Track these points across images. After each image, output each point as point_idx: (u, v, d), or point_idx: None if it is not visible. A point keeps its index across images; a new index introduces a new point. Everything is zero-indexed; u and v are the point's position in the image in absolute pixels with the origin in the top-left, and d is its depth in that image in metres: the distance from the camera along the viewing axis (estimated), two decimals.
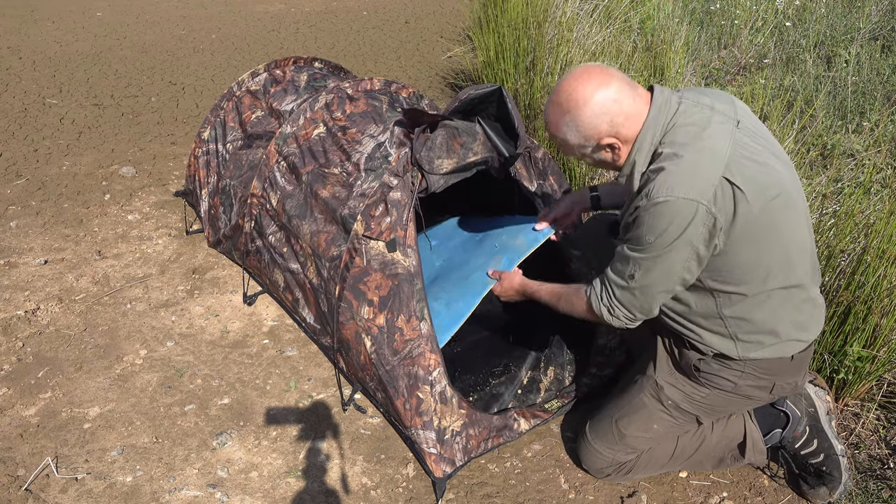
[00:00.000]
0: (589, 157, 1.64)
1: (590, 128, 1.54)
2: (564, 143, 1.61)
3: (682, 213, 1.45)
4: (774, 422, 1.89)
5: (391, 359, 1.96)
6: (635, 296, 1.61)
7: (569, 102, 1.54)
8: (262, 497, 1.91)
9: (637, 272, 1.57)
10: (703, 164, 1.46)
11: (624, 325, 1.69)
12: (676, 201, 1.44)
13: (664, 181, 1.47)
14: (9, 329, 2.54)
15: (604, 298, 1.68)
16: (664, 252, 1.50)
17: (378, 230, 2.01)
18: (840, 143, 3.49)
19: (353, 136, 2.37)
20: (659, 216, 1.47)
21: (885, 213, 2.09)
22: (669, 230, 1.47)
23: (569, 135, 1.58)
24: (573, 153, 1.64)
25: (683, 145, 1.49)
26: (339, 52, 5.78)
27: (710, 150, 1.47)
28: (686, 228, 1.46)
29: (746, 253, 1.51)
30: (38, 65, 5.33)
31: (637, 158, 1.56)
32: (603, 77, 1.52)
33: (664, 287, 1.58)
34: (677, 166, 1.47)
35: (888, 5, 5.34)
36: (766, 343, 1.63)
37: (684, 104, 1.54)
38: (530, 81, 3.69)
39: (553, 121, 1.59)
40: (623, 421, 1.83)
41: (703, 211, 1.44)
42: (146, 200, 3.46)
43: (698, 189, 1.44)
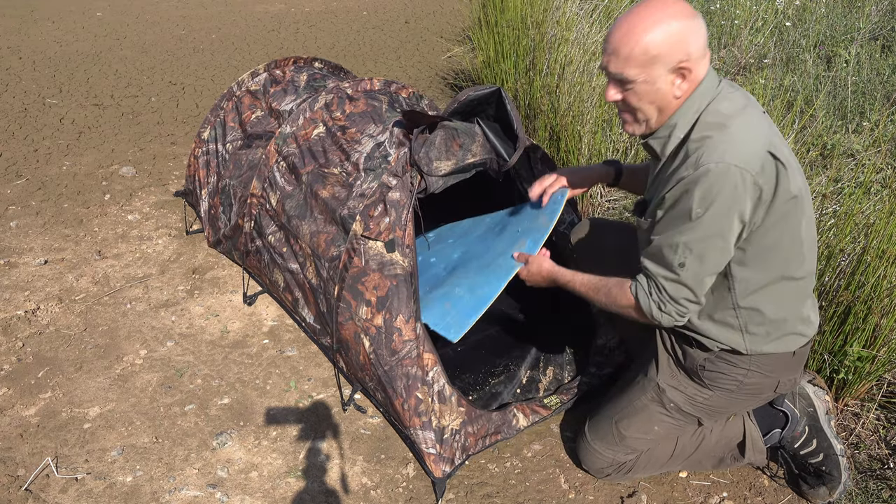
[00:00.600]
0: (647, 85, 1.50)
1: (681, 42, 1.45)
2: (645, 52, 1.45)
3: (732, 180, 1.41)
4: (773, 421, 1.89)
5: (389, 359, 1.96)
6: (686, 286, 1.53)
7: (671, 9, 1.45)
8: (262, 497, 1.91)
9: (688, 258, 1.49)
10: (750, 136, 1.45)
11: (672, 322, 1.61)
12: (729, 169, 1.40)
13: (714, 149, 1.43)
14: (9, 329, 2.54)
15: (653, 295, 1.59)
16: (716, 225, 1.45)
17: (377, 230, 2.01)
18: (840, 143, 3.49)
19: (353, 136, 2.37)
20: (709, 185, 1.41)
21: (885, 213, 2.09)
22: (721, 200, 1.42)
23: (658, 39, 1.44)
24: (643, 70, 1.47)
25: (728, 116, 1.47)
26: (339, 52, 5.79)
27: (755, 125, 1.47)
28: (736, 197, 1.42)
29: (773, 235, 1.50)
30: (38, 65, 5.33)
31: (679, 122, 1.52)
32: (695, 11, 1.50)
33: (714, 268, 1.51)
34: (725, 135, 1.44)
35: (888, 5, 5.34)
36: (773, 335, 1.63)
37: (724, 83, 1.55)
38: (530, 81, 3.69)
39: (644, 23, 1.45)
40: (623, 423, 1.83)
41: (750, 181, 1.42)
42: (146, 200, 3.46)
43: (746, 158, 1.42)
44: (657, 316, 1.60)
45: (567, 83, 3.47)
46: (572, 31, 3.89)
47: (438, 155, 2.02)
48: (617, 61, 1.50)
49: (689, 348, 1.72)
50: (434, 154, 2.02)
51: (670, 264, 1.53)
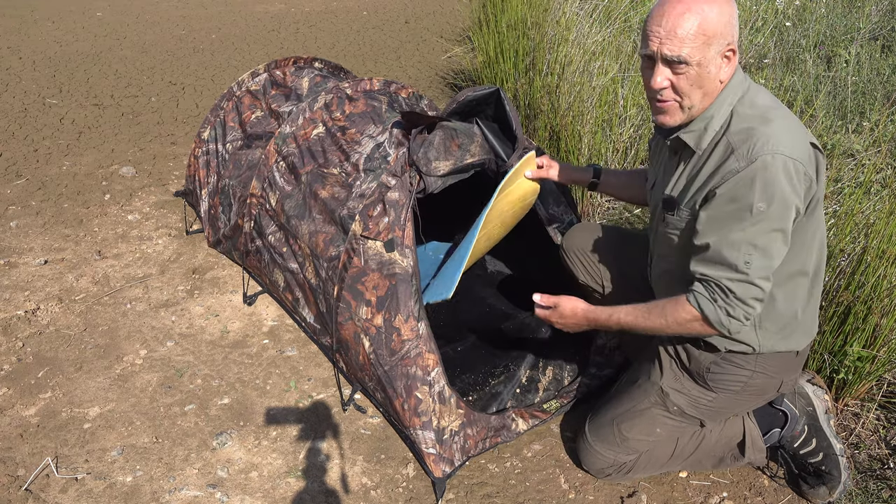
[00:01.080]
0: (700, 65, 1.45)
1: (731, 24, 1.44)
2: (703, 30, 1.42)
3: (789, 171, 1.39)
4: (773, 421, 1.89)
5: (389, 359, 1.96)
6: (755, 284, 1.46)
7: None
8: (262, 497, 1.91)
9: (753, 254, 1.43)
10: (794, 127, 1.45)
11: (741, 327, 1.53)
12: (784, 159, 1.39)
13: (766, 140, 1.40)
14: (9, 329, 2.54)
15: (718, 301, 1.50)
16: (778, 219, 1.41)
17: (376, 230, 2.01)
18: (840, 143, 3.49)
19: (353, 137, 2.37)
20: (770, 178, 1.38)
21: (885, 213, 2.09)
22: (781, 192, 1.39)
23: (718, 19, 1.42)
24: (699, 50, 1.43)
25: (768, 108, 1.47)
26: (339, 52, 5.78)
27: (793, 117, 1.48)
28: (794, 188, 1.40)
29: (808, 227, 1.51)
30: (38, 65, 5.33)
31: (715, 114, 1.50)
32: None
33: (776, 261, 1.46)
34: (773, 127, 1.42)
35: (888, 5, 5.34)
36: (784, 332, 1.63)
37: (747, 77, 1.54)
38: (530, 81, 3.69)
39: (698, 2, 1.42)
40: (625, 425, 1.83)
41: (802, 171, 1.41)
42: (146, 200, 3.46)
43: (797, 149, 1.41)
44: (726, 322, 1.52)
45: (567, 83, 3.47)
46: (572, 31, 3.89)
47: (437, 155, 2.02)
48: (673, 42, 1.44)
49: (696, 350, 1.71)
50: (433, 154, 2.02)
51: (734, 264, 1.46)
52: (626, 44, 4.19)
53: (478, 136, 2.10)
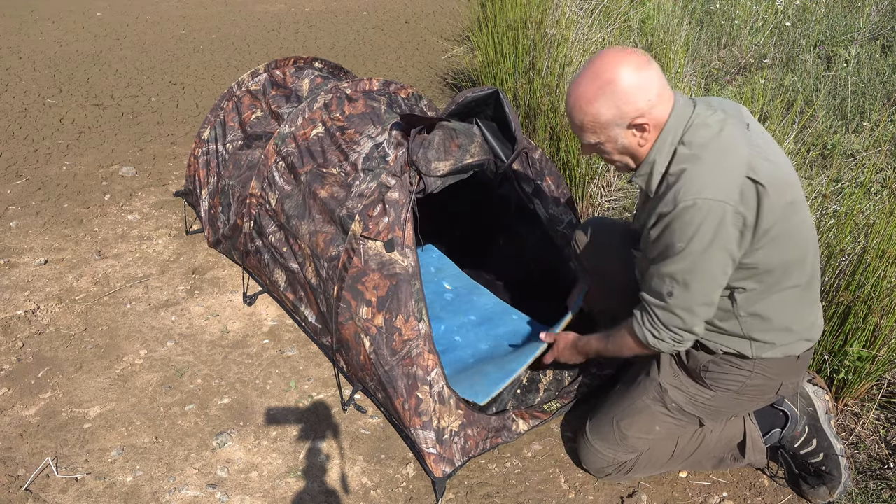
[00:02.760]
0: (612, 143, 1.57)
1: (628, 102, 1.49)
2: (595, 121, 1.53)
3: (712, 215, 1.43)
4: (774, 421, 1.89)
5: (390, 359, 1.96)
6: (677, 314, 1.57)
7: (610, 74, 1.49)
8: (262, 497, 1.91)
9: (675, 288, 1.53)
10: (726, 164, 1.46)
11: (673, 349, 1.64)
12: (705, 203, 1.43)
13: (690, 184, 1.46)
14: (9, 329, 2.54)
15: (646, 323, 1.63)
16: (699, 260, 1.47)
17: (376, 230, 2.01)
18: (840, 143, 3.49)
19: (352, 137, 2.37)
20: (689, 221, 1.45)
21: (885, 213, 2.09)
22: (701, 235, 1.45)
23: (603, 109, 1.51)
24: (599, 135, 1.56)
25: (703, 146, 1.49)
26: (339, 52, 5.79)
27: (731, 149, 1.48)
28: (718, 231, 1.44)
29: (768, 251, 1.51)
30: (38, 65, 5.33)
31: (657, 157, 1.55)
32: (644, 57, 1.51)
33: (704, 299, 1.54)
34: (701, 167, 1.46)
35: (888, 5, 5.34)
36: (780, 342, 1.63)
37: (700, 107, 1.55)
38: (529, 81, 3.69)
39: (587, 95, 1.52)
40: (625, 422, 1.83)
41: (731, 211, 1.44)
42: (146, 200, 3.46)
43: (724, 189, 1.43)
44: (654, 343, 1.64)
45: (567, 83, 3.47)
46: (572, 31, 3.89)
47: (437, 155, 2.02)
48: (575, 130, 1.60)
49: (693, 350, 1.72)
50: (432, 154, 2.02)
51: (660, 293, 1.57)
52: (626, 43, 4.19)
53: (477, 136, 2.10)
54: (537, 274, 2.55)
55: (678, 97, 1.55)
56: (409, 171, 2.02)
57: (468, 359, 2.31)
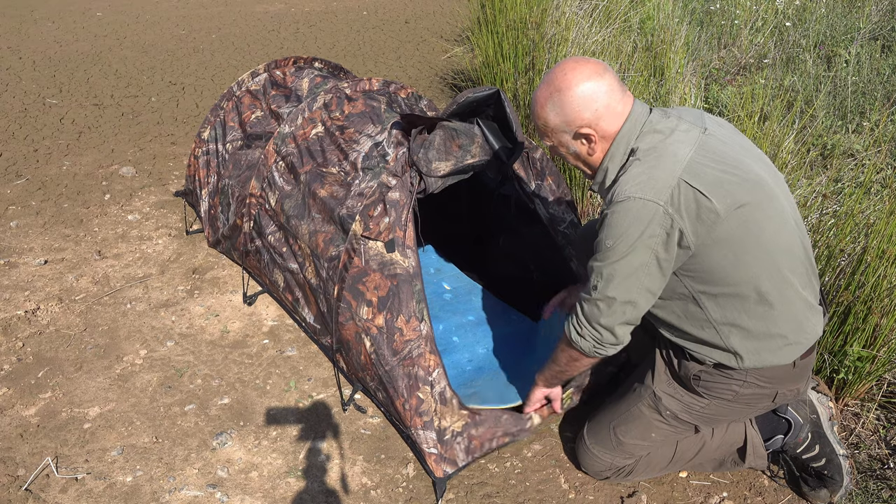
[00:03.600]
0: (564, 147, 1.65)
1: (573, 112, 1.56)
2: (545, 125, 1.62)
3: (640, 213, 1.46)
4: (776, 428, 1.87)
5: (391, 359, 1.96)
6: (599, 309, 1.58)
7: (560, 82, 1.56)
8: (262, 497, 1.91)
9: (599, 282, 1.55)
10: (660, 167, 1.49)
11: (594, 349, 1.64)
12: (634, 201, 1.47)
13: (625, 183, 1.51)
14: (9, 329, 2.54)
15: (572, 319, 1.65)
16: (623, 257, 1.50)
17: (377, 230, 2.00)
18: (840, 143, 3.49)
19: (351, 136, 2.38)
20: (618, 218, 1.49)
21: (885, 213, 2.09)
22: (628, 232, 1.48)
23: (551, 115, 1.59)
24: (551, 139, 1.64)
25: (646, 151, 1.53)
26: (339, 52, 5.79)
27: (671, 154, 1.50)
28: (644, 230, 1.47)
29: (722, 256, 1.51)
30: (38, 65, 5.33)
31: (609, 165, 1.59)
32: (598, 69, 1.56)
33: (626, 296, 1.55)
34: (637, 169, 1.51)
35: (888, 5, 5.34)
36: (764, 349, 1.60)
37: (654, 115, 1.59)
38: (529, 81, 3.69)
39: (540, 99, 1.60)
40: (621, 428, 1.83)
41: (660, 212, 1.45)
42: (146, 200, 3.46)
43: (655, 190, 1.46)
44: (577, 340, 1.66)
45: None
46: (571, 30, 3.89)
47: (437, 156, 2.02)
48: (536, 131, 1.68)
49: (685, 360, 1.71)
50: (433, 155, 2.02)
51: (588, 286, 1.61)
52: (626, 44, 4.19)
53: (478, 136, 2.10)
54: (537, 274, 2.55)
55: (636, 106, 1.58)
56: (410, 171, 2.02)
57: (465, 364, 2.31)
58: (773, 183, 1.57)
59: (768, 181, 1.55)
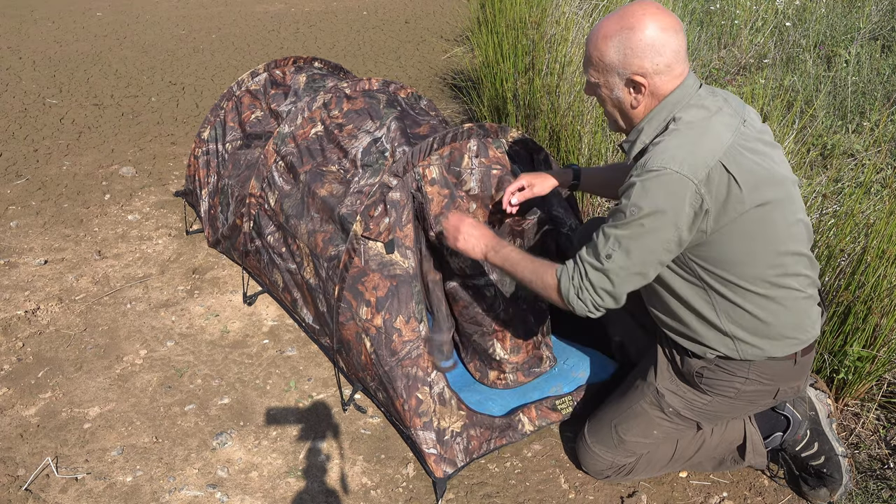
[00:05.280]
0: (608, 89, 1.57)
1: (636, 55, 1.49)
2: (601, 58, 1.53)
3: (675, 188, 1.43)
4: (775, 425, 1.88)
5: (389, 359, 1.96)
6: (608, 278, 1.54)
7: (634, 21, 1.48)
8: (262, 497, 1.91)
9: (615, 251, 1.51)
10: (702, 144, 1.46)
11: (586, 312, 1.61)
12: (670, 174, 1.43)
13: (662, 152, 1.46)
14: (9, 329, 2.54)
15: (574, 279, 1.59)
16: (649, 231, 1.47)
17: (377, 230, 2.00)
18: (840, 143, 3.49)
19: (350, 133, 2.38)
20: (650, 187, 1.44)
21: (885, 213, 2.09)
22: (660, 206, 1.44)
23: (611, 50, 1.51)
24: (599, 75, 1.56)
25: (689, 124, 1.49)
26: (339, 52, 5.79)
27: (714, 133, 1.47)
28: (676, 206, 1.44)
29: (737, 245, 1.50)
30: (38, 65, 5.33)
31: (646, 127, 1.55)
32: (675, 24, 1.50)
33: (639, 268, 1.53)
34: (677, 140, 1.47)
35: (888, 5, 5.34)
36: (763, 343, 1.61)
37: (703, 89, 1.55)
38: (529, 81, 3.69)
39: (605, 31, 1.52)
40: (622, 426, 1.83)
41: (692, 189, 1.43)
42: (146, 200, 3.46)
43: (692, 166, 1.43)
44: (573, 301, 1.60)
45: (567, 83, 3.47)
46: (571, 30, 3.89)
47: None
48: (585, 63, 1.60)
49: (687, 357, 1.71)
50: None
51: (599, 253, 1.54)
52: None
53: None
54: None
55: (689, 78, 1.54)
56: (412, 171, 2.02)
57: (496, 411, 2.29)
58: (791, 184, 1.58)
59: (788, 183, 1.56)
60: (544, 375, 2.19)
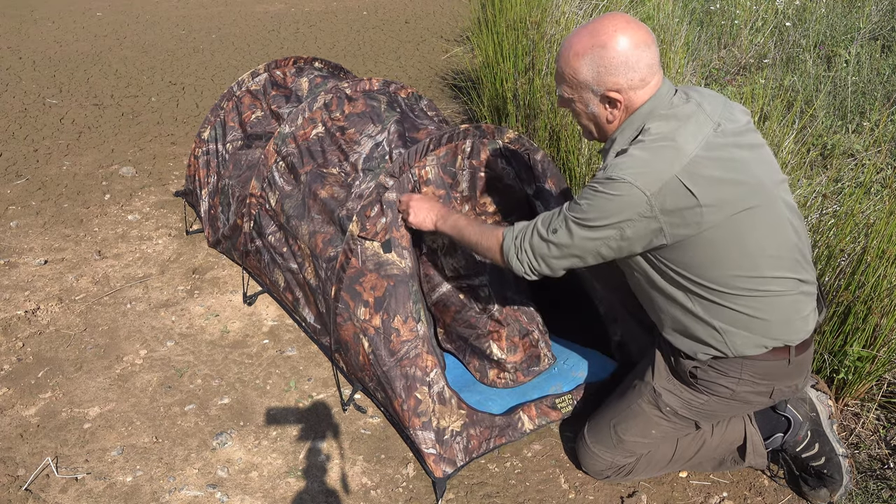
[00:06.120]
0: (582, 104, 1.60)
1: (609, 72, 1.51)
2: (573, 76, 1.55)
3: (625, 198, 1.46)
4: (776, 426, 1.88)
5: (388, 360, 1.96)
6: (549, 250, 1.61)
7: (606, 38, 1.49)
8: (262, 497, 1.91)
9: (561, 228, 1.57)
10: (662, 158, 1.47)
11: (523, 273, 1.68)
12: (623, 184, 1.46)
13: (622, 162, 1.49)
14: (9, 329, 2.54)
15: (517, 239, 1.67)
16: (594, 227, 1.53)
17: (373, 231, 2.01)
18: (840, 143, 3.49)
19: (352, 137, 2.37)
20: (603, 192, 1.49)
21: (885, 213, 2.08)
22: (608, 210, 1.49)
23: (584, 68, 1.52)
24: (573, 91, 1.59)
25: (655, 136, 1.51)
26: (339, 52, 5.79)
27: (676, 147, 1.48)
28: (622, 213, 1.48)
29: (699, 254, 1.52)
30: (38, 65, 5.33)
31: (619, 137, 1.58)
32: (647, 37, 1.50)
33: (577, 252, 1.59)
34: (639, 153, 1.49)
35: (888, 5, 5.34)
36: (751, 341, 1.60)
37: (677, 97, 1.56)
38: (529, 81, 3.69)
39: (577, 48, 1.52)
40: (621, 426, 1.83)
41: (642, 200, 1.46)
42: (146, 200, 3.46)
43: (647, 179, 1.45)
44: (511, 260, 1.68)
45: None
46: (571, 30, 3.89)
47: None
48: (557, 78, 1.62)
49: (680, 357, 1.71)
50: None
51: (547, 223, 1.61)
52: None
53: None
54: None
55: (663, 86, 1.55)
56: (408, 171, 2.02)
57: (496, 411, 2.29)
58: (774, 186, 1.56)
59: (768, 185, 1.54)
60: (544, 375, 2.18)
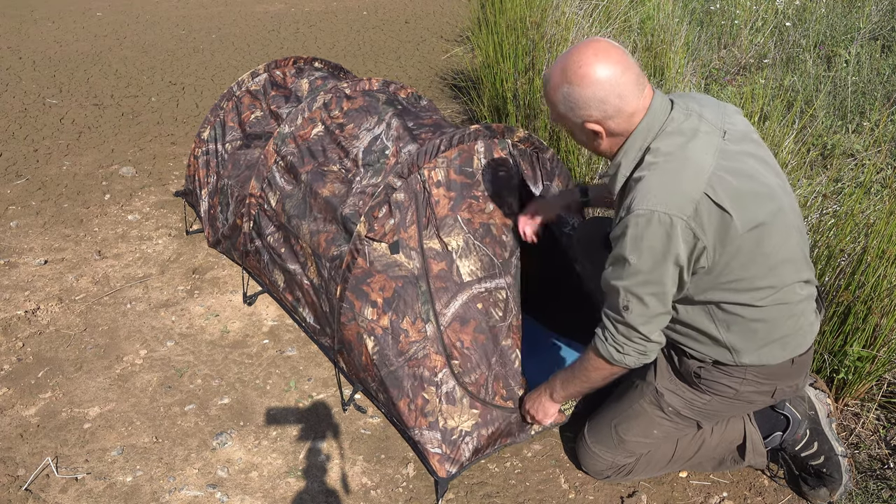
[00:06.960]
0: (571, 132, 1.60)
1: (581, 108, 1.48)
2: (554, 108, 1.56)
3: (664, 229, 1.41)
4: (775, 425, 1.88)
5: (395, 360, 1.96)
6: (635, 328, 1.55)
7: (572, 76, 1.46)
8: (262, 497, 1.91)
9: (630, 302, 1.51)
10: (683, 178, 1.43)
11: (639, 361, 1.62)
12: (657, 216, 1.41)
13: (645, 193, 1.44)
14: (9, 329, 2.54)
15: (608, 339, 1.60)
16: (651, 273, 1.46)
17: (381, 232, 2.00)
18: (840, 143, 3.49)
19: (351, 132, 2.38)
20: (640, 232, 1.43)
21: (885, 213, 2.09)
22: (654, 248, 1.43)
23: (560, 105, 1.52)
24: (560, 121, 1.59)
25: (667, 155, 1.46)
26: (339, 52, 5.78)
27: (694, 163, 1.45)
28: (669, 245, 1.43)
29: (733, 269, 1.50)
30: (38, 65, 5.33)
31: (623, 161, 1.53)
32: (616, 66, 1.45)
33: (661, 309, 1.53)
34: (658, 178, 1.45)
35: (888, 5, 5.34)
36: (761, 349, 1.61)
37: (675, 111, 1.51)
38: (529, 81, 3.69)
39: (553, 82, 1.52)
40: (622, 426, 1.83)
41: (682, 225, 1.41)
42: (146, 200, 3.46)
43: (678, 204, 1.41)
44: (619, 359, 1.61)
45: None
46: (571, 30, 3.89)
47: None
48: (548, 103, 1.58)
49: (685, 358, 1.72)
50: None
51: (617, 307, 1.55)
52: (626, 43, 4.19)
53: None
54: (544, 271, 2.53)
55: (656, 99, 1.50)
56: (416, 172, 2.02)
57: None
58: (781, 191, 1.55)
59: (778, 191, 1.53)
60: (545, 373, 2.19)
